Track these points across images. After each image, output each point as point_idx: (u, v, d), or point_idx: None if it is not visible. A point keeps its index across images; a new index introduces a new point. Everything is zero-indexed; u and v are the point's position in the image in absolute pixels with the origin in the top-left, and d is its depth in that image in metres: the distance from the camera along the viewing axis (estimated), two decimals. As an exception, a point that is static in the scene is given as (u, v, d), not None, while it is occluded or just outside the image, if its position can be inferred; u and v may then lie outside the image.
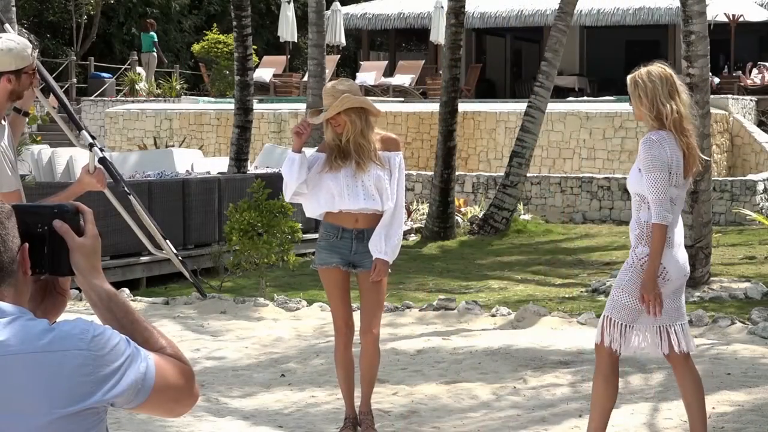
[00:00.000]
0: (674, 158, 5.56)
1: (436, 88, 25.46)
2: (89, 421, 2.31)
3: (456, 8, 16.84)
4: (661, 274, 5.59)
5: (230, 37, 25.60)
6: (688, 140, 5.61)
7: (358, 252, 6.40)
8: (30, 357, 2.28)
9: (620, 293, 5.67)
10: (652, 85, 5.61)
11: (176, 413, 2.48)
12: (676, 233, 5.66)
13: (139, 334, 2.42)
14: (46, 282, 2.48)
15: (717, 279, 12.15)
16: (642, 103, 5.62)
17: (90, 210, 2.46)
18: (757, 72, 26.65)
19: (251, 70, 17.63)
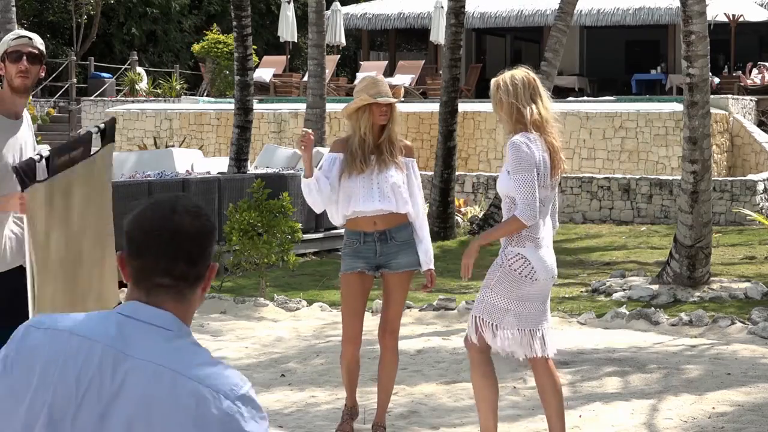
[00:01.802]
0: (542, 159, 5.63)
1: (436, 88, 25.47)
2: None
3: (456, 8, 16.84)
4: (530, 273, 5.63)
5: (230, 37, 25.61)
6: (552, 141, 5.69)
7: (384, 254, 6.36)
8: (181, 379, 2.27)
9: (489, 293, 5.71)
10: (514, 89, 5.67)
11: None
12: (545, 235, 5.72)
13: None
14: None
15: (717, 279, 12.15)
16: (502, 107, 5.67)
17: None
18: (757, 72, 26.65)
19: (251, 70, 17.63)
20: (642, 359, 8.62)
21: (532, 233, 5.65)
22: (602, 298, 11.72)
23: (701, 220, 11.83)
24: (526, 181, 5.56)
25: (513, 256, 5.64)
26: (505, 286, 5.64)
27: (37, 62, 5.56)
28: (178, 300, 2.42)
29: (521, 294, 5.66)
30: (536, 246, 5.64)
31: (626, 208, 19.04)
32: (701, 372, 8.19)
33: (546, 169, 5.65)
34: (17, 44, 5.52)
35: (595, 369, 8.30)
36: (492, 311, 5.67)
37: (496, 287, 5.66)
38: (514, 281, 5.64)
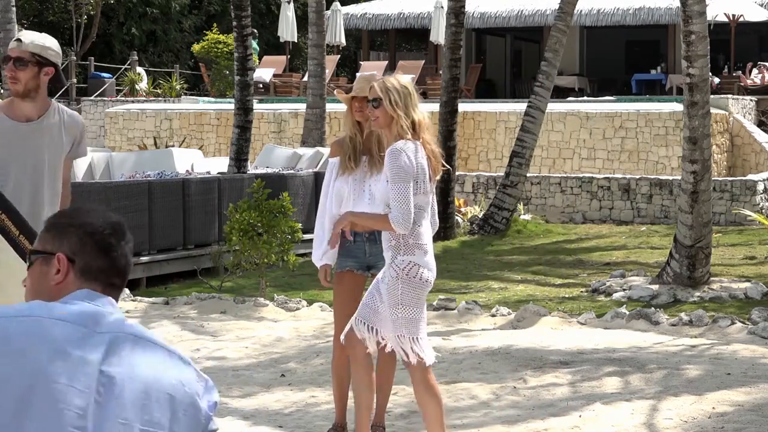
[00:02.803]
0: (420, 167, 5.65)
1: (436, 88, 25.46)
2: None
3: (456, 8, 16.84)
4: (426, 279, 5.67)
5: (230, 37, 25.61)
6: (431, 147, 5.72)
7: (373, 254, 6.36)
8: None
9: (403, 310, 5.67)
10: (405, 93, 5.72)
11: None
12: (428, 240, 5.76)
13: None
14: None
15: (717, 279, 12.15)
16: (396, 110, 5.68)
17: None
18: (757, 72, 26.66)
19: (251, 70, 17.62)
20: (642, 359, 8.63)
21: (418, 241, 5.69)
22: (602, 298, 11.72)
23: (701, 220, 11.83)
24: (402, 191, 5.58)
25: (406, 265, 5.67)
26: (412, 296, 5.66)
27: (26, 66, 5.47)
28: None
29: (423, 300, 5.74)
30: (424, 252, 5.70)
31: (626, 208, 19.05)
32: (701, 372, 8.19)
33: (425, 176, 5.69)
34: (9, 48, 5.51)
35: (595, 369, 8.30)
36: (410, 325, 5.69)
37: (405, 300, 5.67)
38: (415, 289, 5.67)
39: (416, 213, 5.66)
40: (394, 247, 5.69)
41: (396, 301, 5.66)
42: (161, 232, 13.49)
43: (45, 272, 2.67)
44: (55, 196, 5.69)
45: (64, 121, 5.62)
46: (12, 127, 5.53)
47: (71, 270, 2.66)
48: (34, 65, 5.47)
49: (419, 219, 5.69)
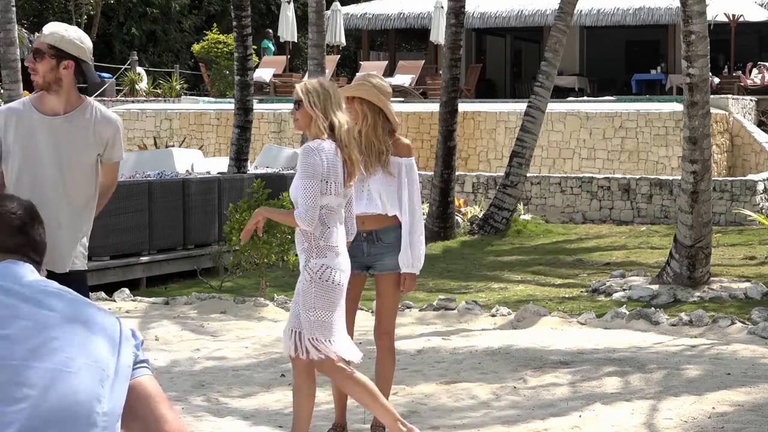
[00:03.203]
0: (332, 168, 5.70)
1: (436, 88, 25.46)
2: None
3: (456, 8, 16.84)
4: (339, 281, 5.75)
5: (230, 37, 25.62)
6: (349, 151, 5.77)
7: (371, 254, 6.36)
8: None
9: (315, 313, 5.74)
10: (325, 95, 5.75)
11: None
12: (340, 242, 5.81)
13: None
14: None
15: (717, 279, 12.15)
16: (315, 110, 5.74)
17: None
18: (757, 72, 26.65)
19: (251, 70, 17.63)
20: (642, 359, 8.63)
21: (329, 243, 5.75)
22: (602, 298, 11.72)
23: (701, 220, 11.83)
24: (309, 187, 5.66)
25: (318, 268, 5.73)
26: (324, 300, 5.72)
27: (43, 58, 5.36)
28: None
29: (339, 303, 5.79)
30: (335, 254, 5.76)
31: (626, 208, 19.04)
32: (701, 372, 8.19)
33: (338, 178, 5.74)
34: (38, 40, 5.42)
35: (595, 369, 8.30)
36: (323, 328, 5.75)
37: (317, 304, 5.73)
38: (328, 292, 5.73)
39: (327, 214, 5.74)
40: (307, 250, 5.76)
41: (310, 305, 5.72)
42: (161, 232, 13.48)
43: None
44: (80, 195, 5.52)
45: (96, 120, 5.48)
46: (38, 119, 5.43)
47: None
48: (51, 57, 5.35)
49: (330, 220, 5.76)
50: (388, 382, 6.59)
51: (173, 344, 9.38)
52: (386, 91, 6.34)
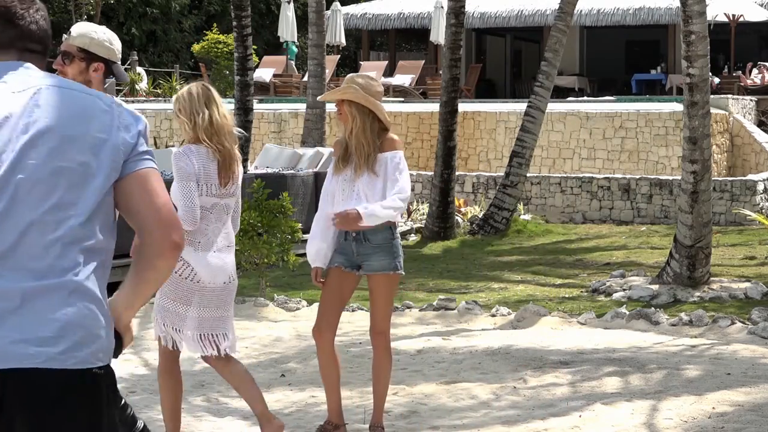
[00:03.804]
0: (202, 169, 5.84)
1: (436, 88, 25.46)
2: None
3: (456, 8, 16.83)
4: (190, 275, 5.86)
5: (230, 37, 25.62)
6: (224, 151, 5.88)
7: (360, 254, 6.37)
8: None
9: (164, 299, 5.90)
10: (189, 99, 5.89)
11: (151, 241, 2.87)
12: (211, 240, 5.97)
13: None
14: None
15: (717, 279, 12.15)
16: (180, 116, 5.90)
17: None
18: (757, 72, 26.66)
19: (251, 70, 17.63)
20: (642, 359, 8.63)
21: (192, 237, 5.86)
22: (602, 298, 11.71)
23: (701, 220, 11.83)
24: (184, 189, 5.81)
25: (179, 265, 5.86)
26: (172, 289, 5.84)
27: (72, 61, 5.22)
28: (42, 64, 2.97)
29: (192, 298, 5.88)
30: (195, 249, 5.88)
31: (626, 208, 19.04)
32: (701, 372, 8.19)
33: (209, 178, 5.86)
34: (65, 42, 5.31)
35: (595, 369, 8.30)
36: (169, 315, 5.89)
37: (170, 294, 5.87)
38: (178, 284, 5.84)
39: (201, 213, 5.87)
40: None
41: (163, 291, 5.85)
42: (161, 232, 13.47)
43: None
44: None
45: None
46: None
47: None
48: (80, 60, 5.23)
49: (203, 219, 5.91)
50: (385, 382, 6.59)
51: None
52: (374, 90, 6.31)
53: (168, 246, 2.87)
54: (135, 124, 2.90)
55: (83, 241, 2.80)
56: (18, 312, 2.71)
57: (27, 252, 2.75)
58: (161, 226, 2.88)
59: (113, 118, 2.87)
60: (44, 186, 2.77)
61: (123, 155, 2.87)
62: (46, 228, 2.76)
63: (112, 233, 2.90)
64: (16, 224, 2.74)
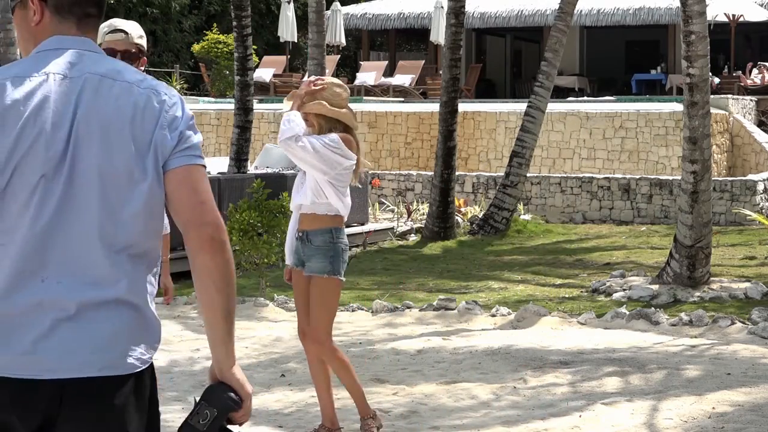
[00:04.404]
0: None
1: (436, 88, 25.46)
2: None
3: (456, 8, 16.84)
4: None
5: (230, 37, 25.62)
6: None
7: (305, 254, 6.36)
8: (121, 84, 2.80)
9: None
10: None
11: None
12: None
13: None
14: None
15: (717, 279, 12.15)
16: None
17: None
18: (757, 72, 26.65)
19: (251, 70, 17.63)
20: (642, 359, 8.63)
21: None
22: (602, 298, 11.71)
23: (701, 220, 11.83)
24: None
25: None
26: None
27: (138, 59, 5.11)
28: (93, 30, 2.88)
29: None
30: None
31: (626, 208, 19.04)
32: (701, 372, 8.19)
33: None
34: (112, 40, 5.06)
35: (595, 369, 8.30)
36: None
37: None
38: None
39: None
40: None
41: None
42: (161, 232, 13.48)
43: (24, 16, 2.84)
44: None
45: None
46: None
47: (45, 9, 2.81)
48: (138, 58, 5.13)
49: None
50: (351, 393, 6.49)
51: (173, 344, 9.38)
52: (339, 100, 6.31)
53: (205, 239, 2.75)
54: (180, 118, 2.80)
55: (131, 248, 2.74)
56: (73, 320, 2.68)
57: (84, 259, 2.70)
58: (195, 225, 2.76)
59: (160, 114, 2.78)
60: (95, 189, 2.71)
61: (162, 157, 2.77)
62: (98, 234, 2.71)
63: (158, 234, 2.82)
64: (71, 230, 2.71)
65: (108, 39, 5.00)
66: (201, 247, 2.75)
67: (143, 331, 2.77)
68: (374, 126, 22.91)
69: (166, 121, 2.78)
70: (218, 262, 2.76)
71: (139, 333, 2.76)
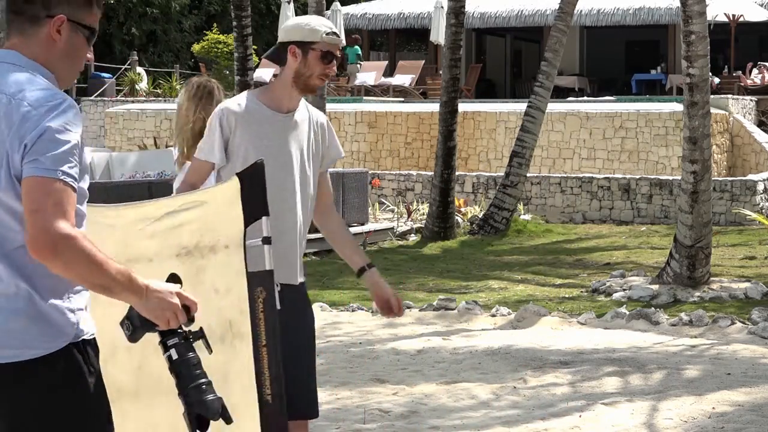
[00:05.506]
0: None
1: (436, 88, 25.46)
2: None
3: (456, 8, 16.84)
4: None
5: (230, 37, 25.61)
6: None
7: None
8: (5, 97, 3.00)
9: None
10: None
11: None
12: None
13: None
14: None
15: (717, 279, 12.15)
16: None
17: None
18: (757, 72, 26.65)
19: (251, 70, 17.63)
20: (642, 359, 8.63)
21: None
22: (602, 298, 11.71)
23: (701, 220, 11.83)
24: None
25: None
26: None
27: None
28: (20, 34, 3.07)
29: None
30: None
31: (626, 208, 19.04)
32: (701, 372, 8.19)
33: None
34: (332, 42, 4.71)
35: (595, 369, 8.30)
36: None
37: None
38: None
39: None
40: None
41: None
42: (161, 232, 13.47)
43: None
44: (310, 199, 4.84)
45: (311, 118, 4.91)
46: (270, 115, 4.75)
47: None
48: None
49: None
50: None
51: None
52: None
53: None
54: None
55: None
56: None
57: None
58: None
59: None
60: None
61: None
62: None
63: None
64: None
65: (327, 40, 4.68)
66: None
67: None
68: (374, 126, 22.91)
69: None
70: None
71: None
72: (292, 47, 4.63)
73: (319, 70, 4.61)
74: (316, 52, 4.60)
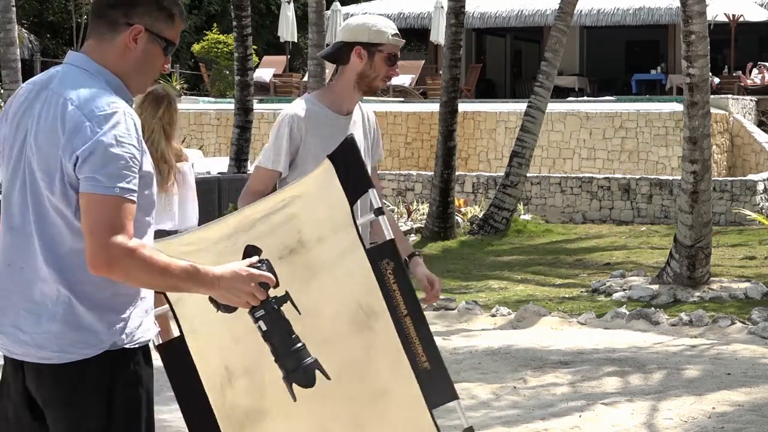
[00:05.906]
0: None
1: (436, 88, 25.46)
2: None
3: (456, 8, 16.83)
4: None
5: (230, 37, 25.62)
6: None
7: None
8: (61, 99, 3.04)
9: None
10: None
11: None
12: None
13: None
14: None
15: (717, 279, 12.15)
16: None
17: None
18: (757, 72, 26.65)
19: (251, 70, 17.63)
20: (642, 359, 8.63)
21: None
22: (602, 298, 11.71)
23: (701, 220, 11.83)
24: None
25: None
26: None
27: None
28: (97, 37, 3.08)
29: None
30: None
31: (626, 208, 19.04)
32: (701, 372, 8.19)
33: None
34: (397, 44, 4.68)
35: (595, 369, 8.30)
36: None
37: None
38: None
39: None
40: None
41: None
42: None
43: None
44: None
45: (365, 118, 4.93)
46: (332, 117, 4.70)
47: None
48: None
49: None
50: None
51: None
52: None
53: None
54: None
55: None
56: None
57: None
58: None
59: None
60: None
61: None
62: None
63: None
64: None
65: (392, 42, 4.68)
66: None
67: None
68: (374, 126, 22.92)
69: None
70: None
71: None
72: (358, 48, 4.57)
73: (384, 71, 4.55)
74: (382, 54, 4.56)
